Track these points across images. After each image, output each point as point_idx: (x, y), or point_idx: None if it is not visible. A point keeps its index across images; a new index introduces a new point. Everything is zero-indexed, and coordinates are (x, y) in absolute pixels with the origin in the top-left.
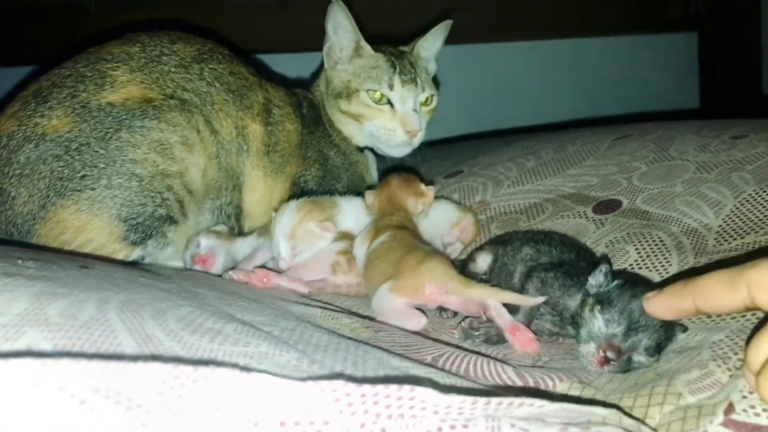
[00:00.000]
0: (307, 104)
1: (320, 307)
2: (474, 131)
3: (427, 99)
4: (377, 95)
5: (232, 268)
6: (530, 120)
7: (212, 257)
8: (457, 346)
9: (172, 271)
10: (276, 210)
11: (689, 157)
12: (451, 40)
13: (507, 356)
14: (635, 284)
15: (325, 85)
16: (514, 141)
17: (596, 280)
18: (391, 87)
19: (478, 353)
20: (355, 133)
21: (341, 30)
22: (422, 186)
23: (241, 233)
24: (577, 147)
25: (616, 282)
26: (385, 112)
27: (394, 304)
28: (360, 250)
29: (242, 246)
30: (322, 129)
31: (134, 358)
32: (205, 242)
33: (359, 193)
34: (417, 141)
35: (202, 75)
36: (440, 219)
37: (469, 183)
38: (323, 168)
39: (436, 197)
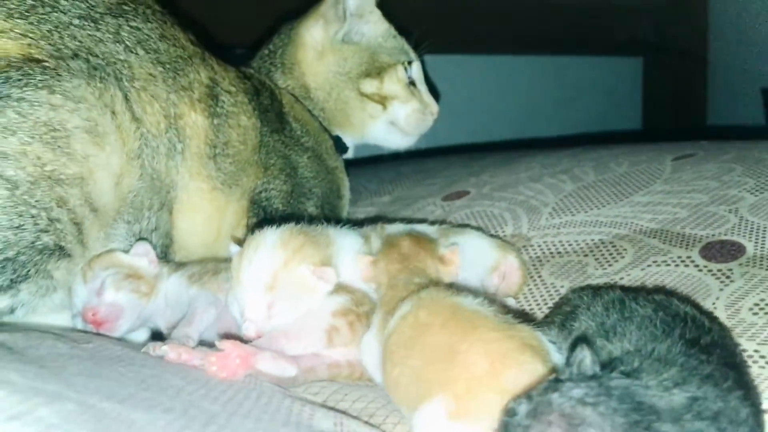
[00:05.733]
0: (267, 93)
1: None
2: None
3: None
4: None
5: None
6: (467, 137)
7: (115, 320)
8: None
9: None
10: (237, 241)
11: None
12: None
13: None
14: None
15: (330, 65)
16: (520, 157)
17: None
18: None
19: None
20: (367, 123)
21: None
22: (442, 249)
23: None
24: (626, 168)
25: None
26: (413, 91)
27: None
28: (372, 348)
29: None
30: (288, 128)
31: None
32: (112, 294)
33: (334, 213)
34: None
35: (120, 35)
36: (473, 261)
37: (486, 209)
38: (291, 180)
39: (457, 225)
